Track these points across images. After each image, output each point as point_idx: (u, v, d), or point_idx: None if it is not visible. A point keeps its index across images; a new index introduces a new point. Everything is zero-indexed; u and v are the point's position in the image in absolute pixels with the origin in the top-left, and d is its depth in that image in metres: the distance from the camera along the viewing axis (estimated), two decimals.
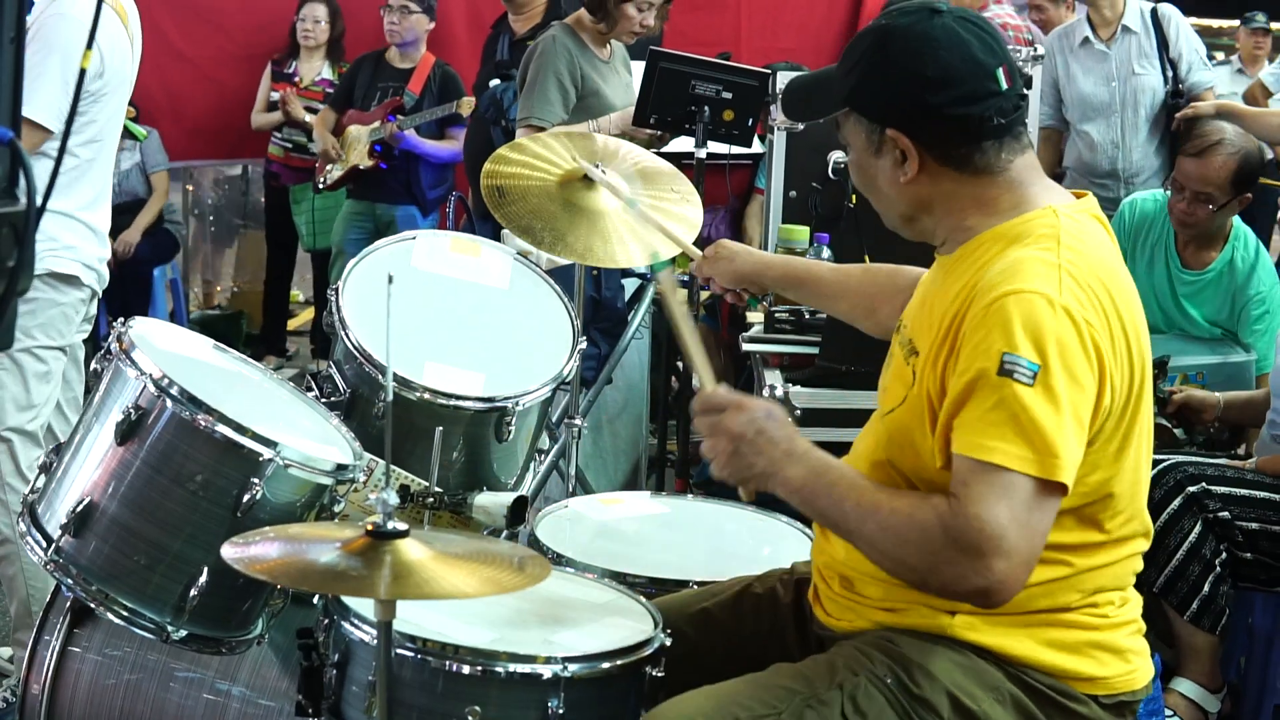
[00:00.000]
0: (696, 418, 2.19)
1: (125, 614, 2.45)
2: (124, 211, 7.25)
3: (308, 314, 8.51)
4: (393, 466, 2.67)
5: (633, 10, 4.80)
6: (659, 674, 2.26)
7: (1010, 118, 2.12)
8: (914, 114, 2.11)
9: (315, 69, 7.38)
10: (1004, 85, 2.10)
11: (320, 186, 6.99)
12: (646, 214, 3.07)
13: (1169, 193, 4.31)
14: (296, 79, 7.36)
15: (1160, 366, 3.93)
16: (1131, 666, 2.18)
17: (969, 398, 2.00)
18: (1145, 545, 2.20)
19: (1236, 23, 9.17)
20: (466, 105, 6.47)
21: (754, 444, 2.13)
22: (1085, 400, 2.00)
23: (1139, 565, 2.21)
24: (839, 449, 2.46)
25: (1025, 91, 2.14)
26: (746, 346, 4.06)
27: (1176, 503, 3.44)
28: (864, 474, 2.24)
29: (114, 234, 7.14)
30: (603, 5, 4.82)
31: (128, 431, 2.42)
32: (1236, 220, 4.35)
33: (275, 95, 7.36)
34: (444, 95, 6.80)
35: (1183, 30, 5.65)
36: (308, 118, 7.17)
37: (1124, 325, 2.07)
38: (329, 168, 6.91)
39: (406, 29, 6.80)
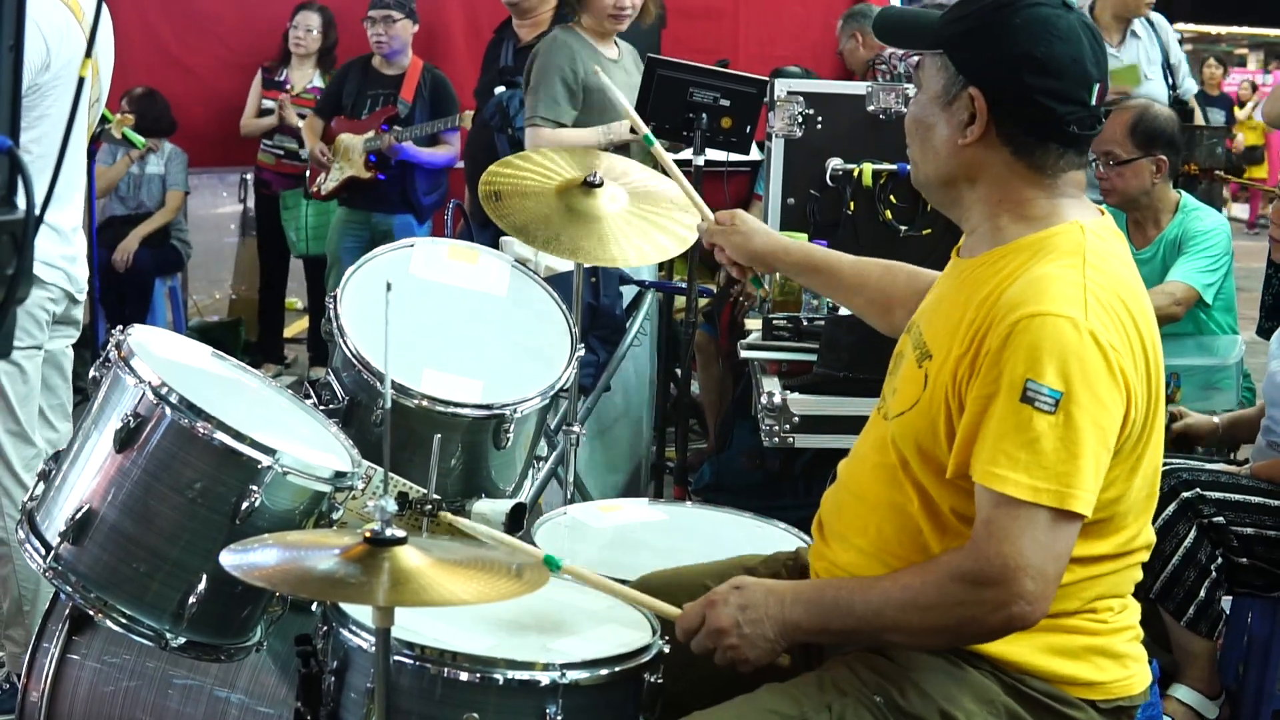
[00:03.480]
0: (693, 646, 2.22)
1: (124, 621, 2.45)
2: (138, 221, 7.29)
3: (305, 321, 8.51)
4: (391, 474, 2.68)
5: None
6: (657, 681, 2.26)
7: (1084, 132, 2.14)
8: (1005, 84, 2.11)
9: (306, 77, 7.39)
10: (1093, 101, 2.12)
11: (314, 194, 6.97)
12: (662, 154, 3.02)
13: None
14: (288, 86, 7.36)
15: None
16: (1129, 672, 2.19)
17: (989, 421, 2.01)
18: (1146, 555, 2.21)
19: (1235, 29, 9.17)
20: (468, 118, 6.47)
21: (750, 619, 2.17)
22: (1112, 424, 2.01)
23: (1139, 574, 2.22)
24: (836, 455, 2.47)
25: (1103, 117, 2.17)
26: (744, 353, 4.06)
27: (1171, 508, 3.45)
28: (867, 478, 2.24)
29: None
30: None
31: (126, 439, 2.42)
32: (1186, 195, 4.37)
33: (268, 103, 7.37)
34: (435, 100, 6.79)
35: (1173, 38, 5.69)
36: (300, 123, 7.18)
37: (1144, 345, 2.08)
38: (321, 176, 6.89)
39: (393, 37, 6.77)
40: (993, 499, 2.00)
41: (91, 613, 2.47)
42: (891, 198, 4.29)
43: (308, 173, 7.02)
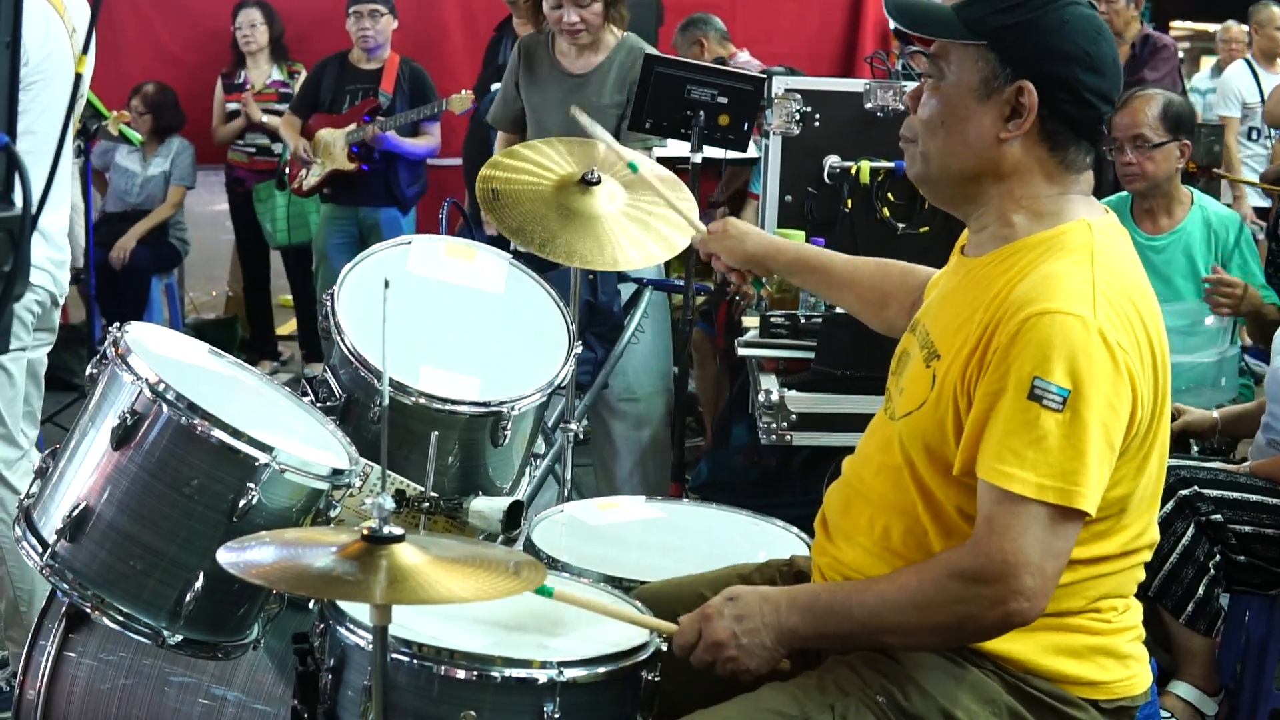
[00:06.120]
0: (692, 661, 2.21)
1: (121, 619, 2.44)
2: (136, 218, 7.27)
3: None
4: (388, 471, 2.68)
5: (547, 8, 4.83)
6: (655, 679, 2.26)
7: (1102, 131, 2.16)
8: (1060, 79, 2.09)
9: (264, 73, 7.41)
10: (1117, 103, 2.13)
11: (295, 191, 6.97)
12: (648, 178, 3.04)
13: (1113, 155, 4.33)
14: (248, 87, 7.37)
15: None
16: (1131, 672, 2.18)
17: (996, 418, 2.00)
18: (1149, 555, 2.21)
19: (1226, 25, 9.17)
20: (458, 103, 6.50)
21: (747, 629, 2.16)
22: (1118, 424, 2.00)
23: (1142, 574, 2.21)
24: (834, 452, 2.46)
25: None
26: (742, 351, 4.07)
27: (1169, 506, 3.44)
28: (872, 478, 2.24)
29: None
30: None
31: (123, 436, 2.41)
32: (1196, 192, 4.37)
33: (231, 106, 7.38)
34: (415, 92, 6.84)
35: None
36: (266, 119, 7.21)
37: (1151, 343, 2.07)
38: (303, 172, 6.90)
39: (378, 32, 6.83)
40: (995, 495, 1.99)
41: (88, 610, 2.47)
42: (889, 195, 4.29)
43: (287, 170, 7.02)
